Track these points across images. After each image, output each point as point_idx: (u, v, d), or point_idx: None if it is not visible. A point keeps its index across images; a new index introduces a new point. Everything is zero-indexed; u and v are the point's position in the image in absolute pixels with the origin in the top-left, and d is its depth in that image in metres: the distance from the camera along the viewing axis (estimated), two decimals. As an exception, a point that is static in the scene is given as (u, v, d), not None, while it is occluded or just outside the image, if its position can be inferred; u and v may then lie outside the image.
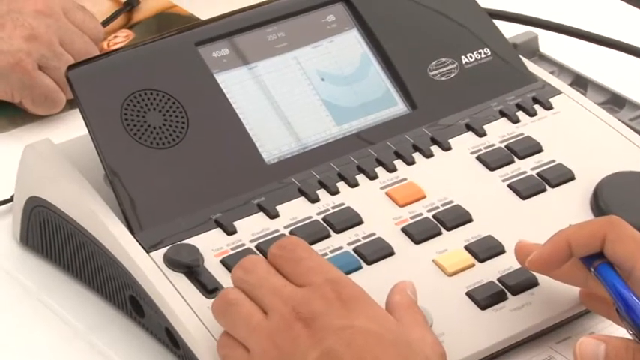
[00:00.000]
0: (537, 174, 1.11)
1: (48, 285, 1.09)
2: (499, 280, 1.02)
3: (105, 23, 1.38)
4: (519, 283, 1.01)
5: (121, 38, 1.38)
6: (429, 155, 1.10)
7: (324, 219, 1.04)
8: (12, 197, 1.12)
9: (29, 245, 1.12)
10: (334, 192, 1.06)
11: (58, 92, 1.24)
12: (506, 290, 1.01)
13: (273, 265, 0.93)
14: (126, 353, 1.01)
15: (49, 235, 1.09)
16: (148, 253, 0.99)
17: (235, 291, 0.92)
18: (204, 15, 1.18)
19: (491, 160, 1.11)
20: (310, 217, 1.04)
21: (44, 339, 1.03)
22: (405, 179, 1.08)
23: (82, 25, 1.29)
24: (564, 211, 1.07)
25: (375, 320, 0.89)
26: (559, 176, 1.11)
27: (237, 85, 1.09)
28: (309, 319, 0.88)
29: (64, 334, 1.04)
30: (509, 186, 1.10)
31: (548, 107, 1.16)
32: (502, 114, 1.15)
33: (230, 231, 1.02)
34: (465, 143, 1.12)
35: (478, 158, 1.11)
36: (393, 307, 0.93)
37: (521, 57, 1.20)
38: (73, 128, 1.08)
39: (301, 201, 1.05)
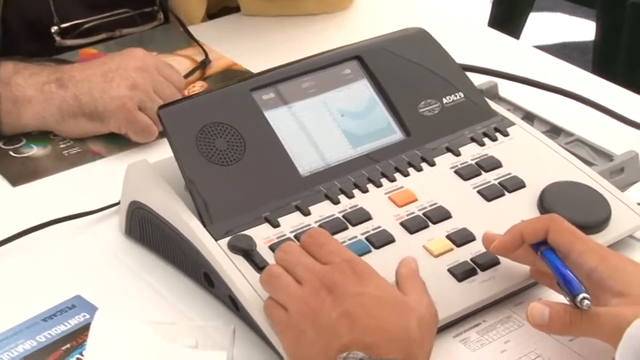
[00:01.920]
0: (498, 183, 1.10)
1: (145, 265, 1.08)
2: (471, 260, 1.01)
3: (186, 76, 1.37)
4: (486, 262, 1.01)
5: (198, 87, 1.38)
6: (419, 169, 1.09)
7: (343, 216, 1.03)
8: (119, 201, 1.11)
9: (131, 236, 1.11)
10: (351, 196, 1.05)
11: (152, 126, 1.23)
12: (476, 267, 1.00)
13: (304, 249, 0.93)
14: (202, 314, 1.00)
15: (146, 228, 1.08)
16: (216, 241, 0.98)
17: (277, 267, 0.92)
18: (256, 69, 1.16)
19: (465, 173, 1.10)
20: (333, 215, 1.03)
21: (142, 304, 1.02)
22: (402, 187, 1.07)
23: (169, 78, 1.28)
24: (518, 210, 1.06)
25: (379, 288, 0.89)
26: (514, 184, 1.10)
27: (280, 119, 1.08)
28: (332, 287, 0.88)
29: (156, 301, 1.03)
30: (478, 192, 1.09)
31: (505, 135, 1.15)
32: (472, 140, 1.13)
33: (275, 225, 1.01)
34: (445, 161, 1.11)
35: (455, 172, 1.10)
36: (400, 277, 0.93)
37: (485, 98, 1.19)
38: (162, 152, 1.07)
39: (327, 203, 1.04)
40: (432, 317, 0.90)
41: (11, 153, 1.24)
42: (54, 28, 1.43)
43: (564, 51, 1.75)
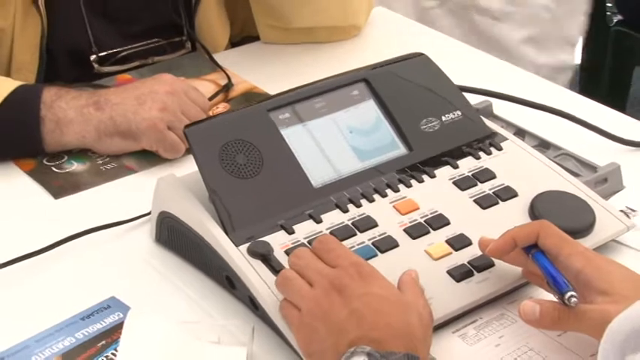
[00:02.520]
0: (493, 193, 1.09)
1: (173, 269, 1.07)
2: (468, 262, 1.00)
3: (210, 99, 1.37)
4: (482, 265, 1.00)
5: (221, 108, 1.38)
6: (421, 181, 1.09)
7: (352, 223, 1.02)
8: (150, 212, 1.11)
9: (161, 243, 1.11)
10: (358, 205, 1.04)
11: (180, 144, 1.23)
12: (473, 269, 1.00)
13: (315, 254, 0.93)
14: (224, 314, 1.00)
15: (174, 235, 1.08)
16: (237, 247, 0.98)
17: (291, 271, 0.92)
18: (273, 91, 1.16)
19: (462, 184, 1.09)
20: (343, 222, 1.02)
21: (171, 305, 1.02)
22: (405, 197, 1.07)
23: (195, 100, 1.28)
24: (511, 217, 1.05)
25: (383, 289, 0.89)
26: (507, 194, 1.09)
27: (294, 136, 1.07)
28: (341, 289, 0.88)
29: (183, 302, 1.02)
30: (474, 201, 1.08)
31: (499, 149, 1.14)
32: (469, 153, 1.13)
33: (290, 232, 1.00)
34: (444, 173, 1.10)
35: (454, 183, 1.09)
36: (402, 283, 0.92)
37: (481, 116, 1.19)
38: (188, 167, 1.07)
39: (337, 212, 1.03)
40: (428, 316, 0.90)
41: (54, 169, 1.24)
42: (93, 57, 1.44)
43: (551, 73, 1.74)
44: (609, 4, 2.38)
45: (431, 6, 2.37)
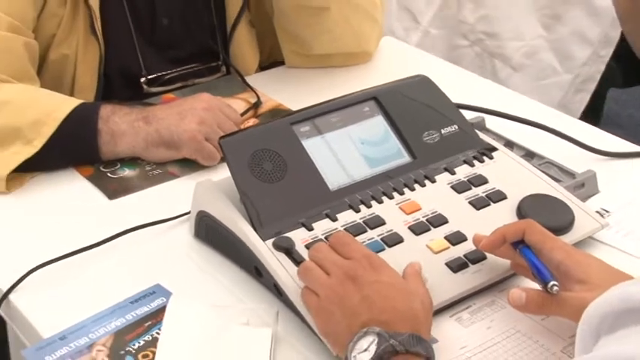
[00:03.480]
0: (485, 195, 1.08)
1: (209, 261, 1.07)
2: (464, 256, 1.00)
3: (242, 114, 1.36)
4: (476, 258, 0.99)
5: (251, 123, 1.37)
6: (423, 185, 1.08)
7: (363, 222, 1.02)
8: (189, 211, 1.10)
9: (199, 238, 1.10)
10: (369, 206, 1.04)
11: (215, 153, 1.22)
12: (468, 262, 0.99)
13: (332, 248, 0.92)
14: (252, 299, 1.00)
15: (210, 231, 1.07)
16: (264, 241, 0.97)
17: (310, 262, 0.92)
18: (296, 108, 1.16)
19: (459, 188, 1.08)
20: (355, 221, 1.02)
21: (206, 291, 1.02)
22: (409, 199, 1.06)
23: (229, 116, 1.28)
24: (501, 216, 1.05)
25: (391, 278, 0.89)
26: (498, 196, 1.08)
27: (314, 146, 1.07)
28: (354, 277, 0.88)
29: (217, 288, 1.02)
30: (469, 202, 1.07)
31: (491, 158, 1.13)
32: (465, 162, 1.12)
33: (310, 228, 1.00)
34: (443, 178, 1.09)
35: (451, 187, 1.09)
36: (407, 273, 0.92)
37: (475, 130, 1.18)
38: (223, 172, 1.07)
39: (350, 212, 1.03)
40: (429, 302, 0.90)
41: (108, 174, 1.24)
42: (142, 79, 1.43)
43: (536, 94, 1.73)
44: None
45: (462, 45, 2.39)
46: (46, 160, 1.21)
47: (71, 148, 1.23)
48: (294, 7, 1.41)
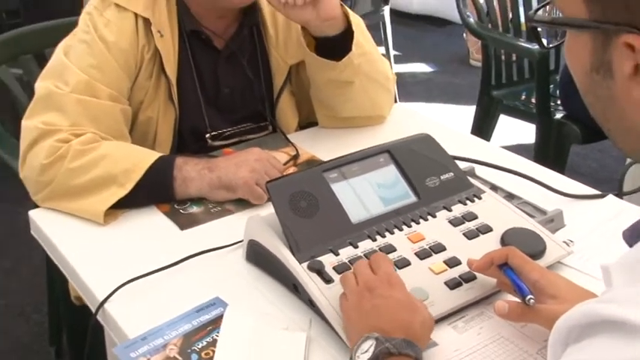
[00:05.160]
0: (476, 228, 1.07)
1: (257, 278, 1.06)
2: (459, 276, 0.98)
3: (285, 164, 1.36)
4: (468, 277, 0.98)
5: (291, 170, 1.37)
6: (426, 220, 1.07)
7: (379, 249, 1.01)
8: (242, 239, 1.09)
9: (250, 261, 1.09)
10: (383, 236, 1.03)
11: (263, 195, 1.22)
12: (462, 281, 0.98)
13: (369, 264, 0.92)
14: (291, 309, 0.98)
15: (259, 256, 1.06)
16: (300, 264, 0.97)
17: (350, 273, 0.92)
18: (327, 159, 1.15)
19: (455, 222, 1.07)
20: (372, 248, 1.01)
21: (255, 303, 1.01)
22: (415, 231, 1.05)
23: (274, 165, 1.28)
24: (488, 245, 1.03)
25: (402, 295, 0.88)
26: (485, 229, 1.07)
27: (340, 188, 1.06)
28: (372, 289, 0.87)
29: (264, 301, 1.01)
30: (463, 234, 1.06)
31: (480, 199, 1.12)
32: (459, 201, 1.11)
33: (337, 254, 0.99)
34: (442, 215, 1.08)
35: (449, 222, 1.07)
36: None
37: (467, 176, 1.17)
38: (268, 209, 1.05)
39: (369, 241, 1.02)
40: (432, 321, 0.88)
41: (180, 210, 1.24)
42: (207, 135, 1.44)
43: (516, 149, 1.72)
44: (553, 103, 2.37)
45: None
46: (134, 200, 1.21)
47: (153, 191, 1.23)
48: (326, 81, 1.41)
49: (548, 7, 0.75)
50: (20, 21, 2.53)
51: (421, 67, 4.13)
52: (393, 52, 3.47)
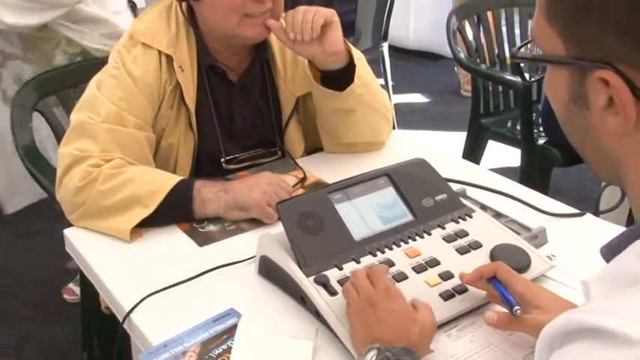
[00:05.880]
0: (467, 245, 1.06)
1: (268, 291, 1.05)
2: (452, 288, 0.98)
3: (293, 186, 1.35)
4: (461, 290, 0.98)
5: (299, 192, 1.36)
6: (422, 237, 1.06)
7: (379, 264, 1.00)
8: (255, 255, 1.09)
9: (262, 275, 1.08)
10: (383, 252, 1.02)
11: (274, 214, 1.22)
12: (455, 293, 0.97)
13: (367, 275, 0.91)
14: (299, 320, 0.98)
15: (270, 270, 1.05)
16: (307, 277, 0.96)
17: (350, 284, 0.91)
18: (331, 181, 1.15)
19: (448, 239, 1.07)
20: (373, 263, 1.00)
21: (266, 313, 1.00)
22: (412, 247, 1.04)
23: (284, 187, 1.28)
24: (478, 260, 1.02)
25: (400, 307, 0.88)
26: (476, 245, 1.06)
27: (344, 208, 1.05)
28: (374, 304, 0.87)
29: (274, 312, 1.01)
30: (455, 250, 1.05)
31: (470, 217, 1.12)
32: (452, 220, 1.10)
33: (341, 268, 0.98)
34: (437, 232, 1.08)
35: (443, 238, 1.07)
36: (420, 305, 0.90)
37: (459, 197, 1.16)
38: (278, 228, 1.05)
39: (370, 256, 1.01)
40: (432, 326, 0.87)
41: (199, 229, 1.23)
42: (222, 160, 1.44)
43: (503, 171, 1.71)
44: (536, 130, 2.37)
45: None
46: (157, 219, 1.22)
47: (174, 211, 1.23)
48: (331, 110, 1.42)
49: (530, 44, 0.76)
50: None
51: (417, 98, 4.14)
52: (391, 84, 3.48)
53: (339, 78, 1.36)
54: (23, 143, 1.54)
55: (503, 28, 2.58)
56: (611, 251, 0.61)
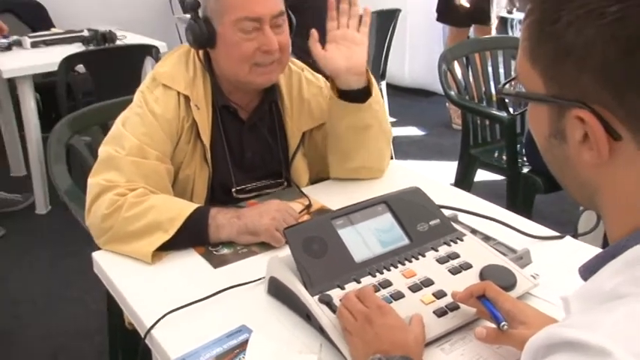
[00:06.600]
0: (459, 265, 1.06)
1: (276, 309, 1.05)
2: (445, 306, 0.98)
3: (299, 213, 1.36)
4: (453, 307, 0.97)
5: (305, 218, 1.36)
6: (417, 259, 1.06)
7: (378, 284, 1.00)
8: (264, 276, 1.09)
9: (271, 294, 1.08)
10: (382, 273, 1.02)
11: (282, 239, 1.22)
12: (448, 310, 0.97)
13: (358, 297, 0.91)
14: (305, 335, 0.97)
15: (278, 290, 1.05)
16: (312, 297, 0.96)
17: (344, 308, 0.91)
18: (334, 208, 1.15)
19: (441, 261, 1.07)
20: (372, 283, 1.00)
21: (274, 329, 1.00)
22: (408, 268, 1.04)
23: (291, 214, 1.28)
24: (468, 279, 1.03)
25: (394, 321, 0.88)
26: (466, 266, 1.06)
27: (346, 233, 1.06)
28: (370, 321, 0.86)
29: (281, 328, 1.00)
30: (448, 270, 1.05)
31: (462, 240, 1.12)
32: (444, 243, 1.10)
33: (343, 288, 0.98)
34: (431, 255, 1.08)
35: (436, 260, 1.07)
36: (413, 318, 0.91)
37: (451, 222, 1.17)
38: (286, 251, 1.05)
39: (369, 277, 1.01)
40: (422, 338, 0.88)
41: (214, 252, 1.24)
42: (233, 189, 1.45)
43: (491, 198, 1.71)
44: (520, 160, 2.37)
45: None
46: (176, 243, 1.22)
47: (191, 235, 1.23)
48: (346, 127, 1.42)
49: (514, 82, 0.77)
50: (93, 99, 2.61)
51: (412, 131, 4.16)
52: (391, 119, 3.51)
53: (355, 97, 1.39)
54: (62, 181, 1.56)
55: (489, 68, 2.61)
56: (588, 271, 0.61)
